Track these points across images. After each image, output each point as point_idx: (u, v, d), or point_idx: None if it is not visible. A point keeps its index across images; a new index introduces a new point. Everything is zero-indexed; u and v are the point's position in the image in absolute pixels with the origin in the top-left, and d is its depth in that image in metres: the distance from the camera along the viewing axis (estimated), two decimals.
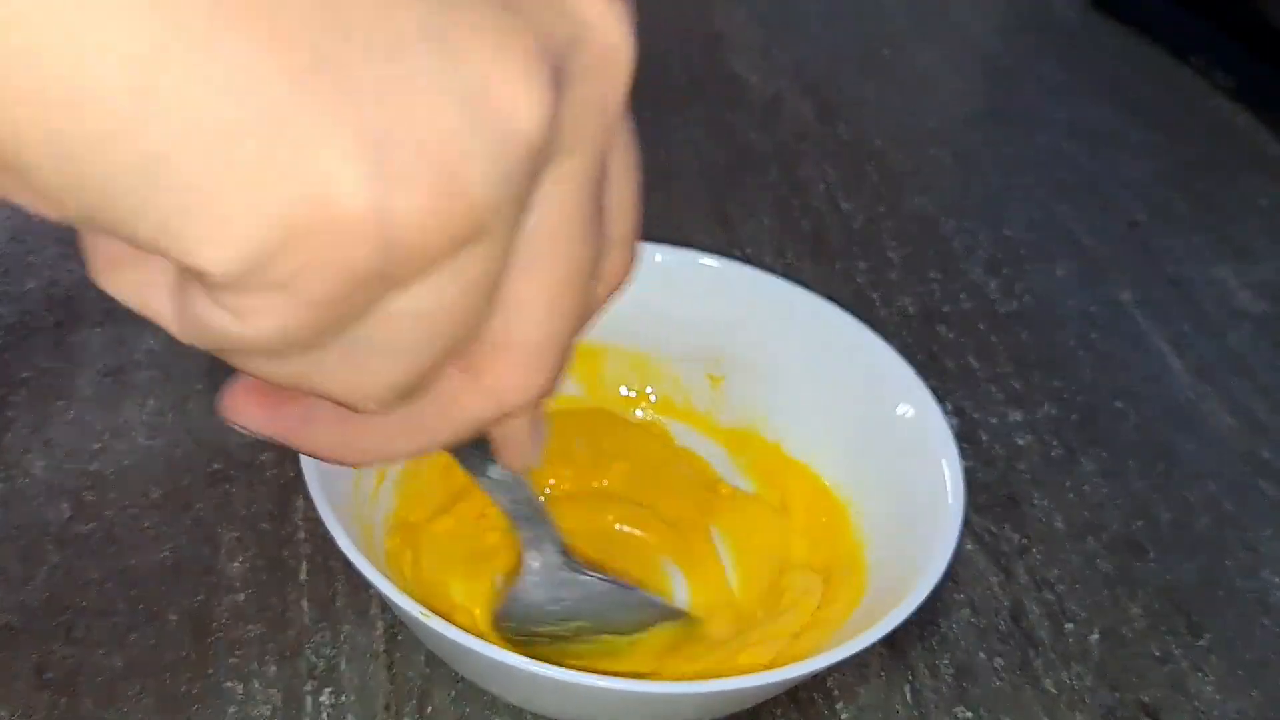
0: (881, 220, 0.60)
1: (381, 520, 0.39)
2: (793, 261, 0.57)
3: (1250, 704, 0.41)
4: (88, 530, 0.41)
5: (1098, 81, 0.75)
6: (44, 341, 0.47)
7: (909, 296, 0.56)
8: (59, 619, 0.38)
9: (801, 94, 0.69)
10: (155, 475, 0.43)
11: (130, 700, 0.36)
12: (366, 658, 0.38)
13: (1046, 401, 0.51)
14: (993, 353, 0.53)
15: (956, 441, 0.38)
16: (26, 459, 0.43)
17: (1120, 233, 0.62)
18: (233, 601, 0.39)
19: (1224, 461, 0.49)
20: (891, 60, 0.74)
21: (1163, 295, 0.58)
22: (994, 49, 0.79)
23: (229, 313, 0.19)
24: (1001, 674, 0.40)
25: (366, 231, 0.18)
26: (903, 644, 0.41)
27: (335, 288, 0.19)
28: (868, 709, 0.39)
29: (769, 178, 0.62)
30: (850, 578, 0.39)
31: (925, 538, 0.37)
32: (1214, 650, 0.42)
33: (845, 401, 0.42)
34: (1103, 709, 0.40)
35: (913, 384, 0.41)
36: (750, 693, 0.34)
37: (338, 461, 0.26)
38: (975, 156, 0.67)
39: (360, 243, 0.18)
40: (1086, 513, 0.46)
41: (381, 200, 0.18)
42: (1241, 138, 0.71)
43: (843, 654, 0.33)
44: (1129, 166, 0.67)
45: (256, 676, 0.37)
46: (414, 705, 0.37)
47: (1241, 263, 0.61)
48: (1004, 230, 0.61)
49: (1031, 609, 0.43)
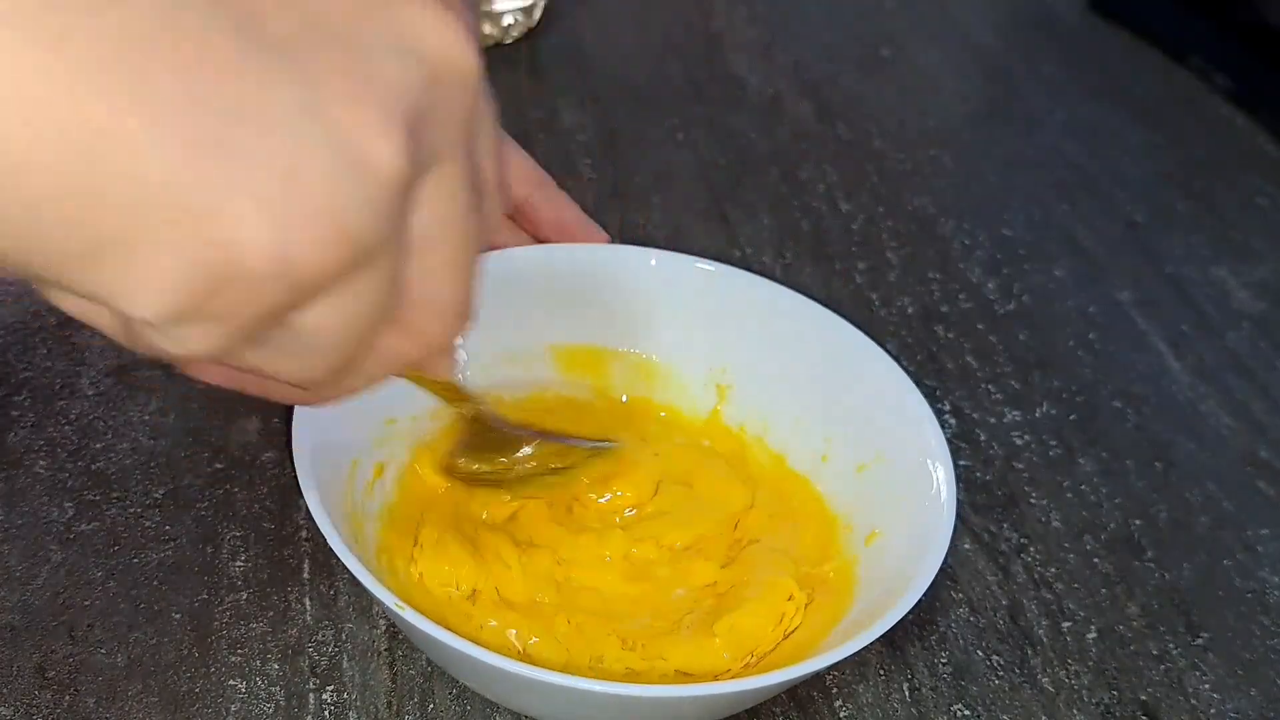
0: (881, 220, 0.60)
1: (377, 515, 0.39)
2: (792, 262, 0.57)
3: (1248, 703, 0.41)
4: (90, 529, 0.41)
5: (1097, 81, 0.75)
6: (46, 341, 0.47)
7: (908, 296, 0.56)
8: (61, 618, 0.38)
9: (801, 94, 0.69)
10: (157, 475, 0.43)
11: (132, 699, 0.36)
12: (368, 656, 0.38)
13: (1045, 401, 0.51)
14: (991, 352, 0.53)
15: (955, 441, 0.39)
16: (29, 458, 0.43)
17: (1119, 233, 0.62)
18: (235, 600, 0.39)
19: (1222, 461, 0.50)
20: (891, 60, 0.75)
21: (1162, 295, 0.58)
22: (994, 49, 0.79)
23: (165, 337, 0.23)
24: (1000, 672, 0.41)
25: (272, 273, 0.22)
26: (901, 643, 0.41)
27: (252, 316, 0.23)
28: (867, 707, 0.39)
29: (769, 178, 0.62)
30: (847, 577, 0.39)
31: (921, 537, 0.37)
32: (1212, 649, 0.42)
33: (836, 395, 0.43)
34: (1100, 707, 0.40)
35: (901, 381, 0.41)
36: (750, 694, 0.34)
37: (301, 404, 0.31)
38: (975, 156, 0.68)
39: (268, 282, 0.22)
40: (1085, 512, 0.47)
41: (281, 249, 0.22)
42: (1240, 138, 0.71)
43: (842, 653, 0.33)
44: (1128, 166, 0.67)
45: (259, 675, 0.37)
46: (416, 703, 0.37)
47: (1241, 263, 0.61)
48: (1003, 230, 0.61)
49: (1030, 608, 0.43)
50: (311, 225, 0.22)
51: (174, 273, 0.22)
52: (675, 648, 0.37)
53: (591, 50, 0.70)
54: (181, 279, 0.22)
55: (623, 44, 0.72)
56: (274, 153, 0.22)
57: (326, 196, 0.22)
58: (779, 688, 0.35)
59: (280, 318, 0.24)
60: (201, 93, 0.21)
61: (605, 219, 0.46)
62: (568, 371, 0.45)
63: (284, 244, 0.22)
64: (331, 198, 0.22)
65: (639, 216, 0.58)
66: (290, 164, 0.22)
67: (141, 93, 0.21)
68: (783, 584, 0.39)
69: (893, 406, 0.41)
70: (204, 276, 0.22)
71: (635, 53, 0.71)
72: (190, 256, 0.22)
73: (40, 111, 0.20)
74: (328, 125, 0.22)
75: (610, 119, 0.65)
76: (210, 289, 0.22)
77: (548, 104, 0.65)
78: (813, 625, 0.38)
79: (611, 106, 0.66)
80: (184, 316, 0.23)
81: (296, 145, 0.22)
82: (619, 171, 0.61)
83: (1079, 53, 0.78)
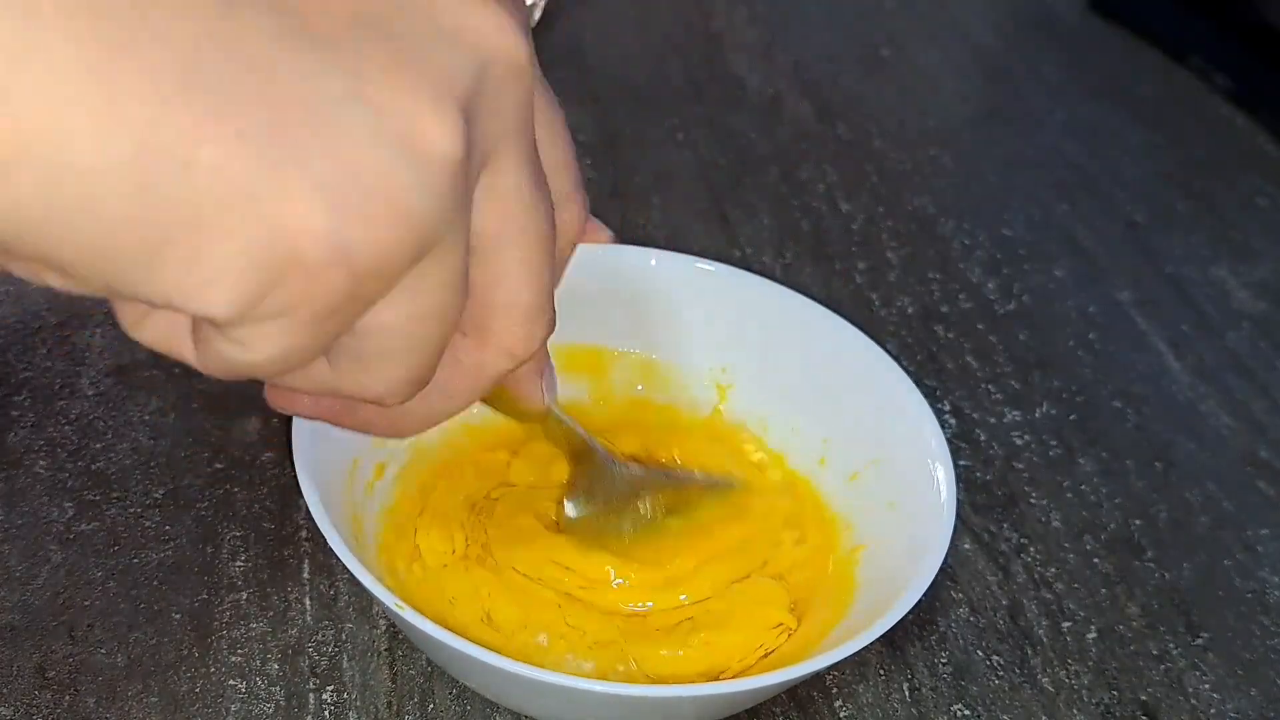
0: (881, 220, 0.60)
1: (377, 515, 0.39)
2: (792, 262, 0.57)
3: (1248, 703, 0.41)
4: (90, 529, 0.41)
5: (1097, 82, 0.75)
6: (46, 341, 0.47)
7: (908, 296, 0.56)
8: (61, 618, 0.38)
9: (801, 94, 0.69)
10: (157, 475, 0.43)
11: (132, 699, 0.36)
12: (369, 656, 0.38)
13: (1045, 401, 0.51)
14: (991, 353, 0.53)
15: (955, 441, 0.39)
16: (29, 458, 0.43)
17: (1119, 233, 0.62)
18: (235, 600, 0.39)
19: (1222, 461, 0.50)
20: (891, 60, 0.75)
21: (1162, 295, 0.58)
22: (994, 49, 0.79)
23: (237, 344, 0.23)
24: (999, 672, 0.41)
25: (334, 263, 0.22)
26: (901, 643, 0.41)
27: (319, 312, 0.23)
28: (867, 707, 0.39)
29: (769, 178, 0.62)
30: (847, 577, 0.39)
31: (920, 537, 0.37)
32: (1212, 649, 0.42)
33: (838, 400, 0.43)
34: (1100, 708, 0.40)
35: (901, 381, 0.41)
36: (750, 694, 0.34)
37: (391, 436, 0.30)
38: (975, 157, 0.68)
39: (331, 273, 0.22)
40: (1085, 512, 0.47)
41: (341, 236, 0.22)
42: (1240, 138, 0.71)
43: (842, 653, 0.33)
44: (1128, 166, 0.67)
45: (259, 675, 0.37)
46: (416, 703, 0.37)
47: (1240, 263, 0.61)
48: (1003, 230, 0.61)
49: (1030, 608, 0.43)
50: (368, 209, 0.22)
51: (234, 262, 0.22)
52: (645, 653, 0.37)
53: (591, 50, 0.70)
54: (242, 269, 0.22)
55: (623, 44, 0.72)
56: (326, 139, 0.22)
57: (381, 179, 0.22)
58: (779, 688, 0.35)
59: (348, 316, 0.24)
60: (252, 86, 0.21)
61: (605, 219, 0.46)
62: (567, 371, 0.45)
63: (340, 228, 0.22)
64: (387, 181, 0.22)
65: (639, 216, 0.58)
66: (343, 149, 0.22)
67: (193, 88, 0.21)
68: (771, 614, 0.38)
69: (893, 407, 0.41)
70: (264, 265, 0.22)
71: (635, 53, 0.71)
72: (248, 245, 0.22)
73: (102, 115, 0.20)
74: (379, 110, 0.22)
75: (610, 119, 0.65)
76: (273, 282, 0.22)
77: None
78: (813, 625, 0.38)
79: (611, 106, 0.66)
80: (249, 313, 0.22)
81: (348, 130, 0.22)
82: (619, 171, 0.61)
83: (1079, 53, 0.78)
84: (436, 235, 0.23)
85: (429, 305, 0.24)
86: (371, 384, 0.26)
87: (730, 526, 0.41)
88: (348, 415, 0.29)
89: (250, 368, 0.24)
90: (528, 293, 0.27)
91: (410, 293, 0.24)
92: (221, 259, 0.22)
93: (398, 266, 0.23)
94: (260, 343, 0.23)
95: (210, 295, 0.22)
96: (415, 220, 0.23)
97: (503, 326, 0.27)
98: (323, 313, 0.23)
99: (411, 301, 0.24)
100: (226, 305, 0.22)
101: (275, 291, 0.22)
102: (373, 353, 0.25)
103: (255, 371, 0.24)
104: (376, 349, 0.25)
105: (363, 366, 0.25)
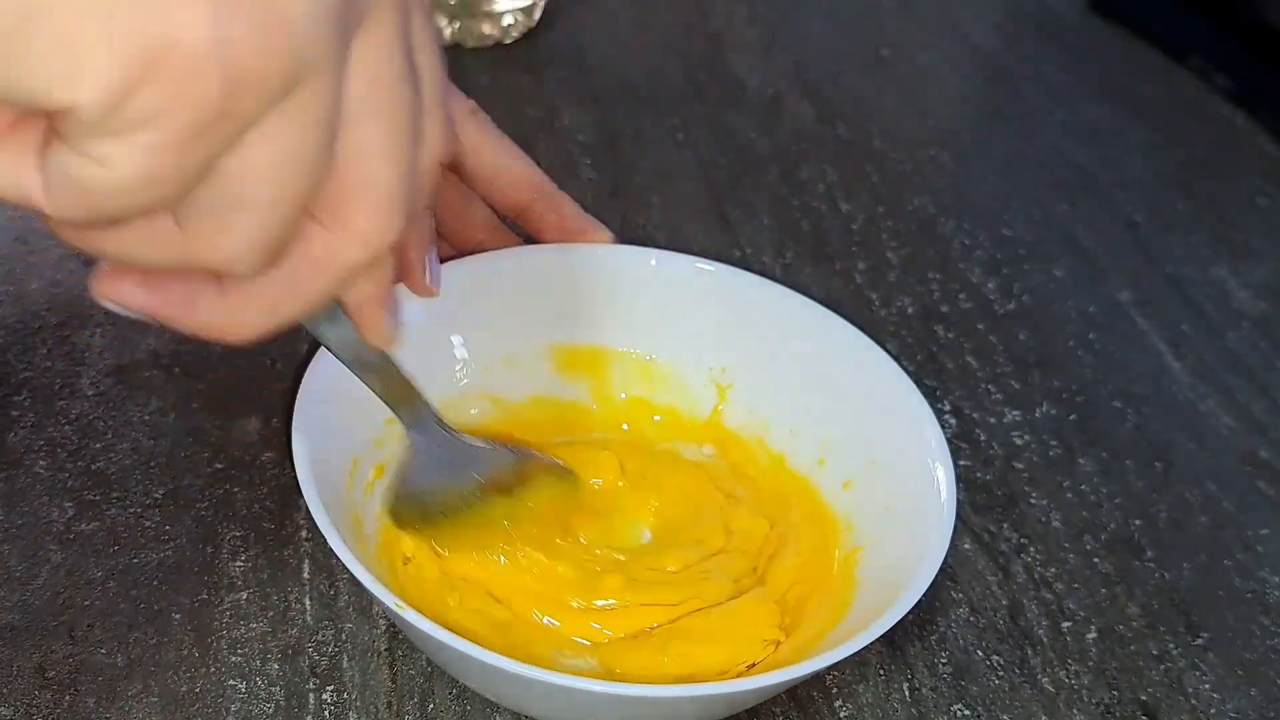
0: (881, 220, 0.60)
1: (377, 515, 0.39)
2: (792, 262, 0.57)
3: (1248, 703, 0.41)
4: (90, 529, 0.41)
5: (1097, 82, 0.75)
6: (47, 341, 0.47)
7: (908, 297, 0.56)
8: (61, 618, 0.38)
9: (801, 94, 0.69)
10: (157, 475, 0.43)
11: (132, 699, 0.36)
12: (368, 656, 0.38)
13: (1045, 401, 0.51)
14: (991, 353, 0.53)
15: (955, 441, 0.39)
16: (29, 458, 0.43)
17: (1119, 233, 0.62)
18: (235, 600, 0.39)
19: (1222, 461, 0.50)
20: (891, 60, 0.75)
21: (1162, 295, 0.58)
22: (994, 49, 0.79)
23: (94, 161, 0.22)
24: (999, 672, 0.41)
25: (210, 60, 0.21)
26: (901, 643, 0.41)
27: (188, 125, 0.22)
28: (867, 707, 0.39)
29: (769, 178, 0.62)
30: (846, 578, 0.39)
31: (921, 537, 0.37)
32: (1212, 649, 0.42)
33: (838, 400, 0.43)
34: (1100, 707, 0.40)
35: (901, 381, 0.41)
36: (750, 694, 0.34)
37: (225, 339, 0.28)
38: (975, 157, 0.68)
39: (205, 75, 0.21)
40: (1085, 512, 0.47)
41: (220, 32, 0.21)
42: (1240, 138, 0.71)
43: (842, 653, 0.33)
44: (1128, 166, 0.67)
45: (259, 675, 0.37)
46: (416, 703, 0.37)
47: (1240, 263, 0.61)
48: (1003, 230, 0.61)
49: (1030, 608, 0.43)
50: (252, 12, 0.22)
51: (107, 54, 0.21)
52: (625, 656, 0.37)
53: (591, 50, 0.70)
54: (114, 61, 0.21)
55: (623, 44, 0.72)
56: None
57: None
58: (779, 688, 0.35)
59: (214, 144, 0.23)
60: None
61: (605, 219, 0.46)
62: (567, 372, 0.45)
63: (222, 27, 0.21)
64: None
65: (639, 216, 0.58)
66: None
67: None
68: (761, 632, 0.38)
69: (893, 407, 0.41)
70: (139, 60, 0.21)
71: (635, 53, 0.71)
72: (122, 26, 0.21)
73: None
74: None
75: (610, 119, 0.65)
76: (144, 76, 0.21)
77: (547, 104, 0.65)
78: (813, 625, 0.38)
79: (611, 106, 0.66)
80: (115, 112, 0.21)
81: None
82: (619, 171, 0.61)
83: (1079, 53, 0.78)
84: (312, 60, 0.23)
85: (295, 147, 0.24)
86: (223, 243, 0.25)
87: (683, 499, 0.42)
88: (185, 308, 0.27)
89: (105, 196, 0.23)
90: (385, 174, 0.26)
91: (278, 128, 0.23)
92: (92, 39, 0.21)
93: (272, 83, 0.22)
94: (123, 159, 0.22)
95: (76, 83, 0.21)
96: (296, 34, 0.22)
97: (357, 208, 0.26)
98: (191, 129, 0.22)
99: (278, 139, 0.23)
100: (92, 92, 0.21)
101: (146, 89, 0.21)
102: (230, 202, 0.24)
103: (109, 205, 0.23)
104: (235, 197, 0.24)
105: (217, 222, 0.24)
